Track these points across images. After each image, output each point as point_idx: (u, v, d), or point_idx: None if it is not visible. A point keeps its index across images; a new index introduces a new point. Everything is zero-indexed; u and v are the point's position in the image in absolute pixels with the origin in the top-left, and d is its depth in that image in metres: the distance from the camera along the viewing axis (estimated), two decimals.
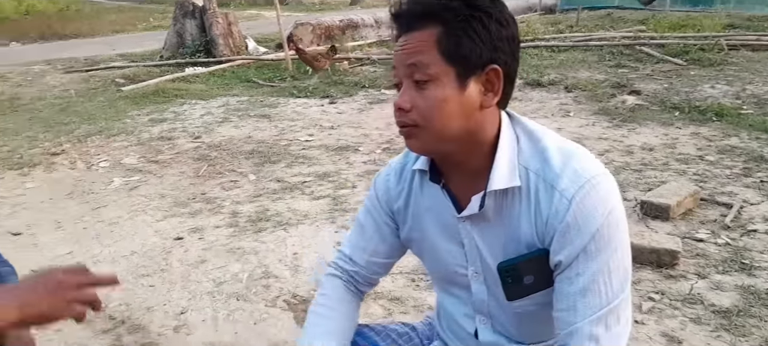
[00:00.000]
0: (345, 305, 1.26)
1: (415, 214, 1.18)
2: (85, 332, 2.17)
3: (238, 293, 2.40)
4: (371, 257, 1.26)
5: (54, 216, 3.36)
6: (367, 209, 1.27)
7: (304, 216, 3.18)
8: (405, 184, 1.19)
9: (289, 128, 5.25)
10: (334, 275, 1.30)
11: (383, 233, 1.25)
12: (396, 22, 1.03)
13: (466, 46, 0.96)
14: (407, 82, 1.00)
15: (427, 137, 1.01)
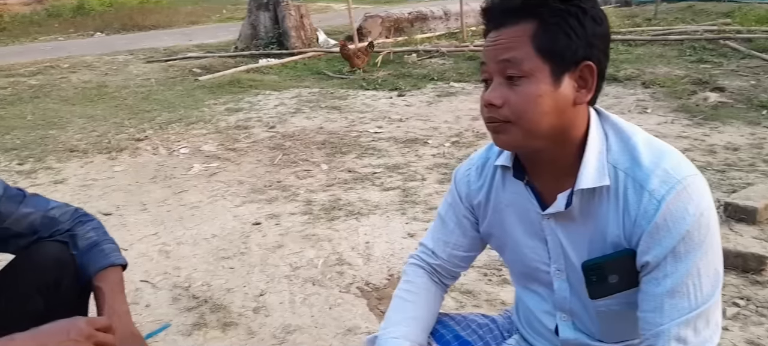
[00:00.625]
0: (427, 294, 1.29)
1: (497, 209, 1.19)
2: (172, 308, 2.30)
3: (313, 278, 2.48)
4: (453, 250, 1.28)
5: (140, 198, 3.56)
6: (448, 203, 1.29)
7: (375, 206, 3.23)
8: (486, 179, 1.20)
9: (358, 120, 5.33)
10: (416, 264, 1.33)
11: (464, 227, 1.26)
12: (487, 16, 1.04)
13: (562, 42, 0.96)
14: (498, 78, 1.01)
15: (518, 134, 1.01)
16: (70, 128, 5.47)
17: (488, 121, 1.04)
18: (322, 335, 2.07)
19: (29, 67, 9.36)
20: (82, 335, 0.99)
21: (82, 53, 10.64)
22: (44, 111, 6.31)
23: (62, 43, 12.73)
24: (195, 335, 2.11)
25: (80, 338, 0.99)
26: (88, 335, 1.00)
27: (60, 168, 4.25)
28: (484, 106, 1.03)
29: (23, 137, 5.18)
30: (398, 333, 1.21)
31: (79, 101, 6.82)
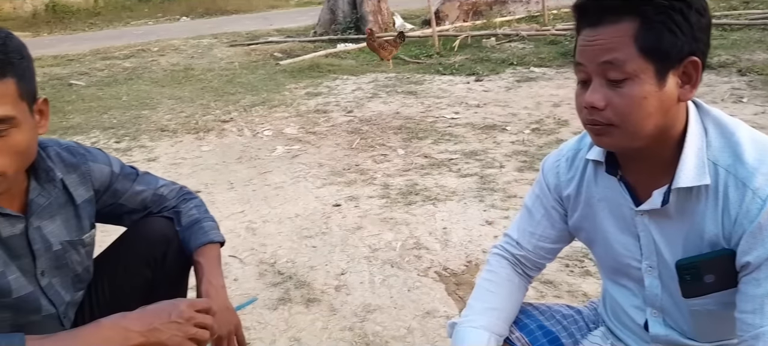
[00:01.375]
0: (510, 285, 1.29)
1: (588, 203, 1.18)
2: (259, 283, 2.41)
3: (391, 260, 2.53)
4: (539, 241, 1.28)
5: (227, 177, 3.73)
6: (536, 194, 1.29)
7: (452, 193, 3.25)
8: (577, 171, 1.19)
9: (435, 105, 5.33)
10: (500, 254, 1.33)
11: (552, 218, 1.26)
12: (581, 13, 0.99)
13: (667, 40, 0.92)
14: (599, 80, 0.97)
15: (622, 136, 0.98)
16: (160, 109, 5.78)
17: (589, 123, 1.01)
18: (402, 316, 2.12)
19: (123, 50, 9.93)
20: (182, 316, 1.06)
21: (170, 37, 11.17)
22: (137, 92, 6.70)
23: (152, 28, 13.41)
24: (280, 309, 2.21)
25: (181, 320, 1.06)
26: (188, 317, 1.07)
27: (152, 146, 4.51)
28: (585, 107, 1.00)
29: (119, 117, 5.53)
30: (478, 323, 1.22)
31: (168, 83, 7.18)
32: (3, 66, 0.99)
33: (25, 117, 1.04)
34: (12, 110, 1.01)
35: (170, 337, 1.04)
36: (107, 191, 1.35)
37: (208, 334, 1.10)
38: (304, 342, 2.00)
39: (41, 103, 1.12)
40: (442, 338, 1.98)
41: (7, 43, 1.01)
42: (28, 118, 1.06)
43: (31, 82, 1.07)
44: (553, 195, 1.24)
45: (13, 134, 1.02)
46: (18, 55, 1.03)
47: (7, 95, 1.00)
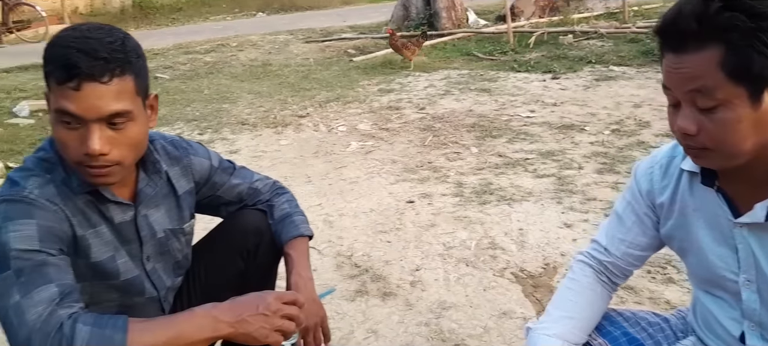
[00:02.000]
0: (590, 294, 1.27)
1: (682, 213, 1.14)
2: (336, 274, 2.48)
3: (466, 259, 2.54)
4: (628, 248, 1.25)
5: (304, 171, 3.84)
6: (627, 200, 1.26)
7: (528, 193, 3.21)
8: (671, 180, 1.16)
9: (509, 103, 5.27)
10: (584, 262, 1.31)
11: (644, 225, 1.23)
12: (663, 38, 0.95)
13: (758, 63, 0.87)
14: (689, 107, 0.94)
15: (718, 158, 0.96)
16: (240, 103, 5.99)
17: (684, 146, 0.99)
18: (477, 315, 2.12)
19: (204, 45, 10.33)
20: (269, 309, 1.10)
21: (247, 33, 11.52)
22: (218, 86, 6.96)
23: (229, 23, 13.87)
24: (358, 300, 2.27)
25: (268, 312, 1.10)
26: (275, 310, 1.11)
27: (234, 139, 4.69)
28: (677, 131, 0.97)
29: (201, 109, 5.78)
30: (552, 331, 1.21)
31: (247, 78, 7.43)
32: (122, 64, 1.08)
33: (139, 111, 1.13)
34: (129, 105, 1.09)
35: (257, 329, 1.08)
36: (206, 184, 1.44)
37: (294, 325, 1.14)
38: (381, 334, 2.05)
39: (152, 98, 1.20)
40: (519, 339, 1.98)
41: (126, 43, 1.10)
42: (142, 112, 1.15)
43: (145, 79, 1.16)
44: (645, 202, 1.22)
45: (129, 127, 1.11)
46: (135, 55, 1.12)
47: (125, 91, 1.08)
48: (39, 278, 1.00)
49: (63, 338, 0.94)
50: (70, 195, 1.14)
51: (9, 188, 1.11)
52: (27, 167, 1.15)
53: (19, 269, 1.00)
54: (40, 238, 1.05)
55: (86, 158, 1.07)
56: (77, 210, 1.15)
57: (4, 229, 1.04)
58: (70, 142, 1.07)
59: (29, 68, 8.96)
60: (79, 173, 1.12)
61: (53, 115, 1.07)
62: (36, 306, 0.97)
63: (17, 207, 1.06)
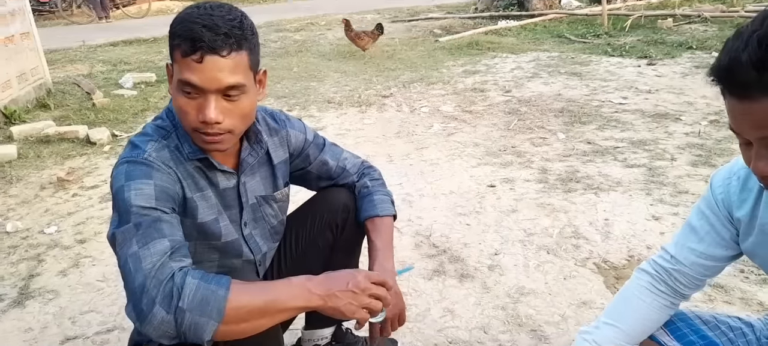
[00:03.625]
0: (637, 302, 1.26)
1: (763, 230, 1.08)
2: (415, 253, 2.52)
3: (547, 246, 2.51)
4: (699, 258, 1.20)
5: (386, 150, 3.90)
6: (701, 211, 1.20)
7: (616, 183, 3.11)
8: (750, 194, 1.10)
9: (600, 88, 5.08)
10: (644, 269, 1.29)
11: (719, 236, 1.17)
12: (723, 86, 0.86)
13: None
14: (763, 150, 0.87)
15: None
16: (327, 81, 6.13)
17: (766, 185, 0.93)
18: (556, 303, 2.10)
19: (293, 23, 10.62)
20: (358, 287, 1.15)
21: (335, 11, 11.71)
22: (306, 64, 7.15)
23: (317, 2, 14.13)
24: (435, 280, 2.30)
25: (357, 290, 1.15)
26: (364, 288, 1.16)
27: (320, 116, 4.82)
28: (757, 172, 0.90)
29: (290, 87, 5.96)
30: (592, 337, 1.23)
31: (334, 57, 7.58)
32: (239, 41, 1.16)
33: (251, 85, 1.21)
34: (243, 79, 1.17)
35: (345, 304, 1.14)
36: (300, 156, 1.51)
37: (380, 305, 1.19)
38: (457, 314, 2.07)
39: (262, 74, 1.28)
40: None
41: (243, 21, 1.18)
42: (253, 86, 1.23)
43: (257, 55, 1.24)
44: (722, 212, 1.16)
45: (242, 99, 1.19)
46: (250, 32, 1.20)
47: (241, 65, 1.16)
48: (154, 232, 1.10)
49: (174, 286, 1.03)
50: (181, 160, 1.25)
51: (131, 150, 1.22)
52: (146, 133, 1.26)
53: (138, 223, 1.11)
54: (156, 197, 1.15)
55: (202, 125, 1.16)
56: (187, 174, 1.25)
57: (127, 187, 1.15)
58: (190, 110, 1.16)
59: (133, 43, 9.57)
60: (194, 138, 1.22)
61: (176, 84, 1.17)
62: (151, 256, 1.07)
63: (138, 168, 1.17)
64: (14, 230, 2.96)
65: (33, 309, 2.28)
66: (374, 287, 1.17)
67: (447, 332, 1.98)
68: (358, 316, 1.16)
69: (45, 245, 2.79)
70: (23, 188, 3.53)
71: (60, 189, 3.49)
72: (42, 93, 5.67)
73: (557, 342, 1.90)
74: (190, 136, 1.24)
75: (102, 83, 6.46)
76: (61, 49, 8.98)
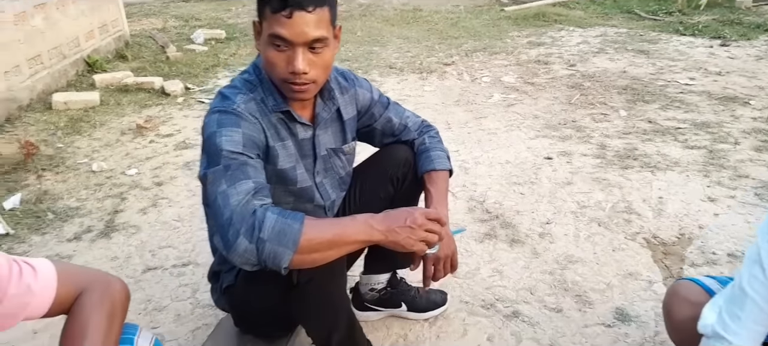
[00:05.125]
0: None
1: None
2: (468, 216, 2.62)
3: (599, 219, 2.56)
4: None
5: (445, 118, 3.98)
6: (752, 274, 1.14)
7: (674, 163, 3.10)
8: None
9: (668, 68, 4.98)
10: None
11: None
12: None
13: None
14: None
15: None
16: (389, 47, 6.22)
17: None
18: (603, 272, 2.17)
19: None
20: (415, 223, 1.26)
21: None
22: (370, 29, 7.24)
23: None
24: (486, 242, 2.40)
25: (414, 225, 1.26)
26: (421, 224, 1.27)
27: (381, 81, 4.93)
28: None
29: (354, 51, 6.08)
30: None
31: (397, 23, 7.63)
32: None
33: (331, 39, 1.34)
34: (326, 32, 1.29)
35: (404, 238, 1.26)
36: (366, 113, 1.63)
37: (436, 238, 1.30)
38: (505, 275, 2.17)
39: (337, 29, 1.40)
40: (641, 300, 2.01)
41: None
42: (333, 40, 1.36)
43: (335, 11, 1.36)
44: None
45: (324, 52, 1.32)
46: None
47: (324, 20, 1.29)
48: (241, 174, 1.25)
49: (256, 220, 1.18)
50: (266, 112, 1.39)
51: (222, 101, 1.37)
52: (235, 86, 1.41)
53: (227, 165, 1.26)
54: (243, 143, 1.30)
55: (291, 76, 1.29)
56: (271, 125, 1.40)
57: (218, 133, 1.30)
58: (279, 63, 1.29)
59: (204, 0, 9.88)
60: (282, 89, 1.36)
61: (266, 39, 1.29)
62: (238, 195, 1.22)
63: (229, 117, 1.32)
64: (99, 169, 3.24)
65: (118, 241, 2.52)
66: (429, 222, 1.28)
67: (494, 290, 2.09)
68: (415, 248, 1.27)
69: (127, 185, 3.04)
70: (106, 132, 3.82)
71: (138, 135, 3.76)
72: (120, 44, 6.00)
73: (601, 308, 1.98)
74: (275, 89, 1.38)
75: (175, 38, 6.76)
76: (137, 2, 9.38)
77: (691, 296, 1.38)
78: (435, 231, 1.29)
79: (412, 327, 1.93)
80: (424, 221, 1.28)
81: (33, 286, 0.98)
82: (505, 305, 2.01)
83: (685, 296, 1.39)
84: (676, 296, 1.41)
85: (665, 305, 1.45)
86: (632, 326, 1.89)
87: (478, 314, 1.97)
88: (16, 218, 2.68)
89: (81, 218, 2.71)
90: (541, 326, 1.90)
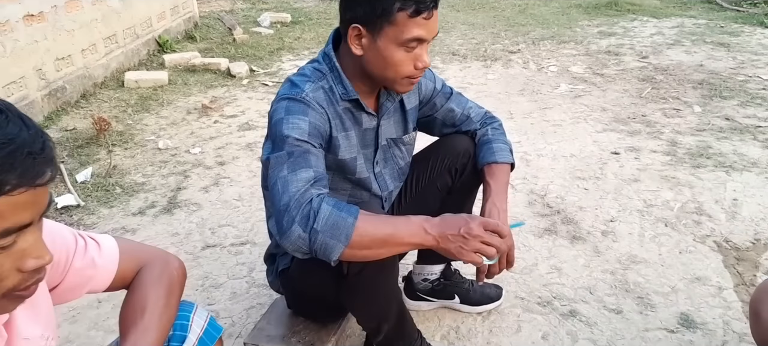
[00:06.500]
0: None
1: None
2: (527, 210, 2.56)
3: (666, 219, 2.44)
4: None
5: (508, 107, 3.89)
6: None
7: (752, 163, 2.92)
8: None
9: (749, 62, 4.68)
10: None
11: None
12: None
13: None
14: None
15: None
16: (454, 33, 6.13)
17: None
18: (668, 275, 2.07)
19: None
20: (471, 233, 1.21)
21: None
22: None
23: None
24: (545, 238, 2.33)
25: (468, 236, 1.21)
26: (476, 235, 1.22)
27: (443, 68, 4.87)
28: None
29: None
30: None
31: (463, 9, 7.51)
32: None
33: None
34: None
35: (456, 248, 1.22)
36: (428, 103, 1.60)
37: (493, 251, 1.25)
38: (564, 273, 2.10)
39: None
40: (709, 306, 1.90)
41: None
42: None
43: None
44: None
45: None
46: None
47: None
48: (303, 162, 1.26)
49: (311, 209, 1.18)
50: (333, 101, 1.39)
51: (290, 88, 1.37)
52: (304, 74, 1.40)
53: (290, 152, 1.27)
54: (309, 132, 1.30)
55: (417, 72, 1.33)
56: (336, 115, 1.40)
57: (285, 120, 1.30)
58: (407, 62, 1.31)
59: None
60: (396, 85, 1.36)
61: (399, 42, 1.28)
62: (297, 182, 1.22)
63: (297, 105, 1.33)
64: (165, 147, 3.34)
65: (179, 217, 2.60)
66: (487, 234, 1.23)
67: (552, 288, 2.02)
68: (467, 259, 1.23)
69: (190, 163, 3.13)
70: (172, 111, 3.94)
71: (203, 115, 3.86)
72: (190, 26, 6.17)
73: (664, 312, 1.88)
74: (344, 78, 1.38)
75: (242, 20, 6.89)
76: None
77: None
78: (493, 244, 1.24)
79: (464, 320, 1.89)
80: (481, 232, 1.23)
81: (97, 260, 1.02)
82: (563, 303, 1.95)
83: None
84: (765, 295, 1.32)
85: (753, 303, 1.36)
86: (698, 334, 1.79)
87: (533, 311, 1.92)
88: (86, 191, 2.81)
89: (146, 193, 2.81)
90: (598, 327, 1.83)
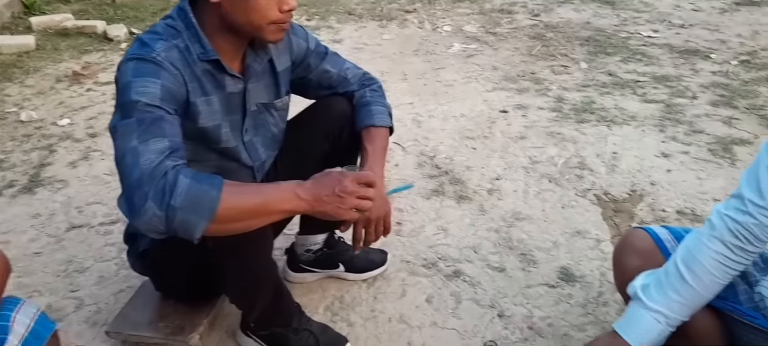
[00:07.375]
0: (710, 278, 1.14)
1: None
2: (417, 172, 2.52)
3: (550, 175, 2.49)
4: None
5: (402, 68, 3.83)
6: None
7: (630, 117, 3.03)
8: None
9: (632, 19, 4.88)
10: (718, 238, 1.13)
11: None
12: None
13: None
14: None
15: None
16: None
17: None
18: (550, 230, 2.10)
19: None
20: (345, 191, 1.16)
21: None
22: None
23: None
24: (433, 199, 2.31)
25: (343, 194, 1.15)
26: (351, 192, 1.16)
27: (339, 29, 4.73)
28: None
29: None
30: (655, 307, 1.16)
31: None
32: None
33: None
34: None
35: (333, 208, 1.16)
36: (301, 64, 1.49)
37: (369, 204, 1.20)
38: (450, 233, 2.09)
39: None
40: (588, 259, 1.95)
41: None
42: None
43: None
44: None
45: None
46: None
47: None
48: (156, 130, 1.11)
49: (166, 184, 1.04)
50: (189, 62, 1.24)
51: (140, 47, 1.21)
52: (156, 31, 1.24)
53: (141, 119, 1.11)
54: (161, 96, 1.15)
55: (285, 15, 1.25)
56: (194, 77, 1.25)
57: (133, 83, 1.14)
58: (271, 6, 1.22)
59: None
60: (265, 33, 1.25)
61: None
62: (150, 153, 1.07)
63: (146, 66, 1.17)
64: (28, 119, 3.03)
65: (42, 196, 2.35)
66: (360, 188, 1.18)
67: (438, 249, 2.00)
68: (346, 217, 1.18)
69: (57, 136, 2.85)
70: (39, 79, 3.58)
71: (75, 83, 3.53)
72: None
73: (545, 268, 1.91)
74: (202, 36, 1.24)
75: None
76: None
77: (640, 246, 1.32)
78: (369, 197, 1.18)
79: (349, 289, 1.84)
80: (355, 187, 1.17)
81: None
82: (448, 264, 1.93)
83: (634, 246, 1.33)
84: (626, 247, 1.35)
85: (615, 255, 1.39)
86: (576, 287, 1.83)
87: (418, 273, 1.89)
88: None
89: (3, 171, 2.53)
90: (482, 286, 1.83)
